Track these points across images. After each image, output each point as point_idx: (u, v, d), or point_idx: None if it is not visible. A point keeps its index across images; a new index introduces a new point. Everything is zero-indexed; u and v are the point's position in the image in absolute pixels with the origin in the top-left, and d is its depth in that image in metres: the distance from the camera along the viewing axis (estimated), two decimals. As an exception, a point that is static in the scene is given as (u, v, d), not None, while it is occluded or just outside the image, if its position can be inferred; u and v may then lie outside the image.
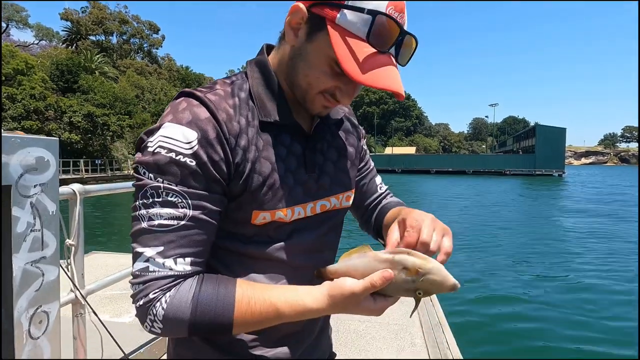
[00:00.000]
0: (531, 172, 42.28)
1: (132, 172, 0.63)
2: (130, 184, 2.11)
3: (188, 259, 0.57)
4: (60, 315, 1.34)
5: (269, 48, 0.70)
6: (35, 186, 1.10)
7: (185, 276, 0.57)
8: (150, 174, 0.56)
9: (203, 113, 0.58)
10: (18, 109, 25.58)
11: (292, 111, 0.66)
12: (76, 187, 1.45)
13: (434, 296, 3.68)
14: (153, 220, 0.56)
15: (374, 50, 0.56)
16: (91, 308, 1.50)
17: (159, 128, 0.58)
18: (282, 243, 0.66)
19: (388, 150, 69.92)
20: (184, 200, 0.56)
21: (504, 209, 14.61)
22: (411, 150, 72.83)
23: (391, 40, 0.57)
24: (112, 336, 1.51)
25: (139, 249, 0.56)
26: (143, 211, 0.56)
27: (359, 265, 0.56)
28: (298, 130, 0.67)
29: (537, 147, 42.83)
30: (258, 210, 0.62)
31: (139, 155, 0.59)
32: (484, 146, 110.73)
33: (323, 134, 0.73)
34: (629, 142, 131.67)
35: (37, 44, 49.21)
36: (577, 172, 50.25)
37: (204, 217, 0.58)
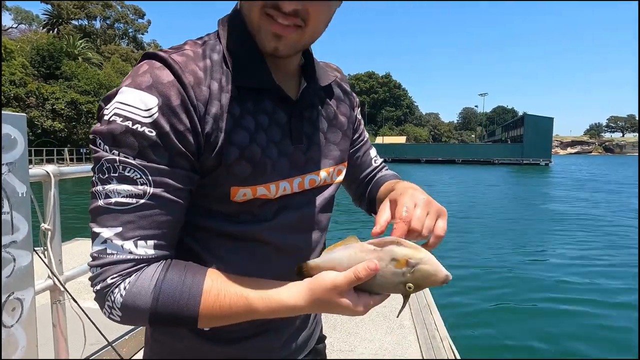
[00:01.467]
0: (519, 161, 42.94)
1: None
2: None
3: (150, 242, 0.52)
4: (37, 303, 1.29)
5: None
6: (1, 165, 1.03)
7: (148, 261, 0.52)
8: (105, 146, 0.51)
9: (166, 76, 0.52)
10: (-3, 95, 24.68)
11: (273, 73, 0.59)
12: (50, 168, 1.38)
13: None
14: (110, 197, 0.50)
15: None
16: (70, 295, 1.44)
17: (115, 94, 0.52)
18: (267, 222, 0.60)
19: (379, 140, 70.01)
20: (143, 176, 0.51)
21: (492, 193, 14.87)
22: (402, 139, 73.04)
23: None
24: (93, 323, 1.46)
25: (96, 229, 0.51)
26: (99, 187, 0.51)
27: (343, 257, 0.51)
28: (281, 96, 0.60)
29: (525, 136, 43.41)
30: (237, 187, 0.57)
31: (96, 125, 0.53)
32: (473, 136, 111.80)
33: (311, 100, 0.66)
34: (614, 132, 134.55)
35: (15, 27, 47.38)
36: (563, 161, 51.27)
37: (167, 195, 0.52)
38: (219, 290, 0.52)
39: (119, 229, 0.50)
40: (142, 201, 0.51)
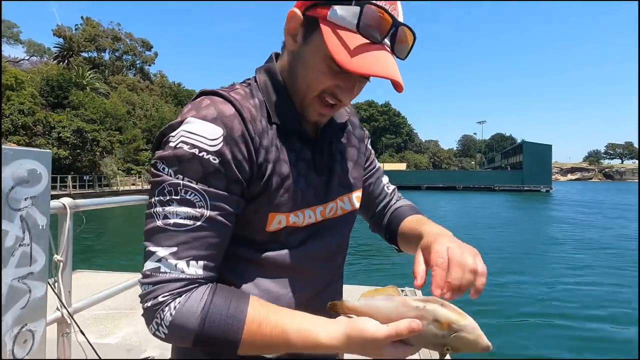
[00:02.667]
0: (520, 187, 42.95)
1: (121, 187, 0.61)
2: (119, 198, 2.07)
3: (201, 262, 0.54)
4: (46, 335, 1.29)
5: (277, 56, 0.70)
6: (26, 199, 1.08)
7: (197, 281, 0.54)
8: (169, 170, 0.54)
9: (229, 110, 0.57)
10: (6, 124, 25.23)
11: (300, 118, 0.66)
12: (66, 200, 1.43)
13: None
14: (169, 218, 0.53)
15: (366, 40, 0.55)
16: (79, 327, 1.44)
17: (181, 123, 0.56)
18: (294, 249, 0.64)
19: (379, 167, 70.40)
20: (202, 200, 0.54)
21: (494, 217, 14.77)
22: (402, 166, 73.60)
23: (383, 30, 0.55)
24: (99, 356, 1.45)
25: (152, 248, 0.53)
26: (159, 208, 0.54)
27: (383, 308, 0.52)
28: (306, 136, 0.67)
29: (524, 163, 43.71)
30: (274, 212, 0.61)
31: (159, 151, 0.56)
32: (472, 162, 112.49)
33: (329, 138, 0.72)
34: (612, 158, 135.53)
35: (27, 59, 49.07)
36: (564, 188, 51.26)
37: (220, 218, 0.56)
38: (261, 320, 0.53)
39: (174, 249, 0.53)
40: (198, 223, 0.54)
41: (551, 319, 4.85)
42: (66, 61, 46.86)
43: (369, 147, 0.86)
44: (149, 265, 0.53)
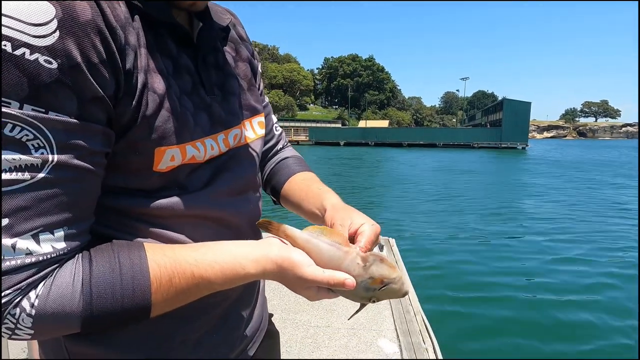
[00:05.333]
0: (497, 145, 43.94)
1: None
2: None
3: (59, 232, 0.37)
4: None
5: None
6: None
7: (57, 260, 0.38)
8: None
9: None
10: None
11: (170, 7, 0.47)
12: None
13: (396, 250, 3.82)
14: None
15: None
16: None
17: None
18: (198, 192, 0.50)
19: (362, 124, 70.02)
20: (39, 137, 0.34)
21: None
22: (384, 123, 73.29)
23: None
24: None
25: None
26: None
27: (325, 253, 0.49)
28: (181, 34, 0.48)
29: (504, 120, 44.28)
30: (162, 147, 0.44)
31: None
32: (454, 120, 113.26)
33: (213, 43, 0.55)
34: (587, 116, 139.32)
35: None
36: (537, 146, 53.05)
37: (78, 162, 0.37)
38: (170, 274, 0.42)
39: (5, 221, 0.34)
40: (40, 175, 0.35)
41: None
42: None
43: (260, 69, 0.70)
44: None
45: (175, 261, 0.43)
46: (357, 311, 0.55)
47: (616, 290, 4.38)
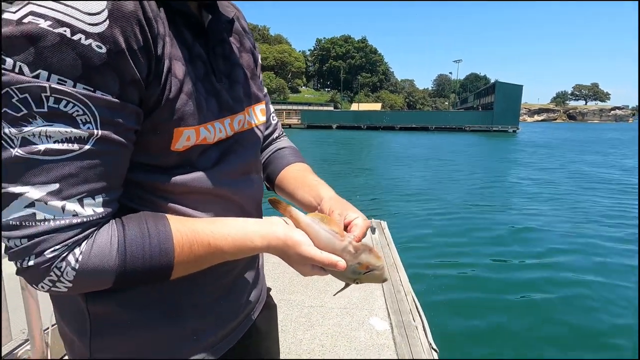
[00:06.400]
0: (489, 128, 44.21)
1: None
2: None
3: (99, 198, 0.42)
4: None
5: None
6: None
7: (97, 222, 0.43)
8: (18, 62, 0.35)
9: None
10: None
11: None
12: None
13: (387, 233, 3.90)
14: (33, 144, 0.37)
15: None
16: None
17: None
18: (208, 171, 0.55)
19: (354, 107, 69.49)
20: (87, 112, 0.39)
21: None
22: (377, 106, 72.87)
23: None
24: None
25: (14, 189, 0.37)
26: (12, 130, 0.36)
27: (323, 238, 0.55)
28: (196, 26, 0.53)
29: (495, 104, 44.42)
30: (181, 127, 0.48)
31: None
32: (447, 103, 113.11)
33: (220, 35, 0.59)
34: (578, 99, 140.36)
35: None
36: (527, 129, 53.48)
37: (116, 137, 0.42)
38: (191, 242, 0.48)
39: (55, 186, 0.38)
40: (86, 147, 0.40)
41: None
42: None
43: (259, 60, 0.74)
44: (16, 212, 0.38)
45: (194, 231, 0.48)
46: (342, 289, 0.64)
47: (587, 251, 4.59)
